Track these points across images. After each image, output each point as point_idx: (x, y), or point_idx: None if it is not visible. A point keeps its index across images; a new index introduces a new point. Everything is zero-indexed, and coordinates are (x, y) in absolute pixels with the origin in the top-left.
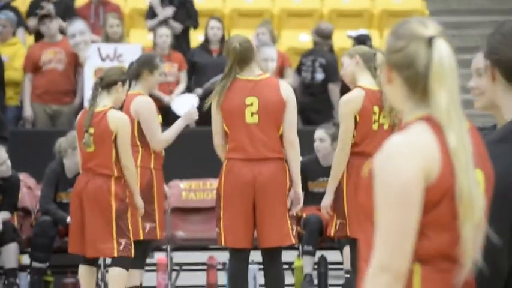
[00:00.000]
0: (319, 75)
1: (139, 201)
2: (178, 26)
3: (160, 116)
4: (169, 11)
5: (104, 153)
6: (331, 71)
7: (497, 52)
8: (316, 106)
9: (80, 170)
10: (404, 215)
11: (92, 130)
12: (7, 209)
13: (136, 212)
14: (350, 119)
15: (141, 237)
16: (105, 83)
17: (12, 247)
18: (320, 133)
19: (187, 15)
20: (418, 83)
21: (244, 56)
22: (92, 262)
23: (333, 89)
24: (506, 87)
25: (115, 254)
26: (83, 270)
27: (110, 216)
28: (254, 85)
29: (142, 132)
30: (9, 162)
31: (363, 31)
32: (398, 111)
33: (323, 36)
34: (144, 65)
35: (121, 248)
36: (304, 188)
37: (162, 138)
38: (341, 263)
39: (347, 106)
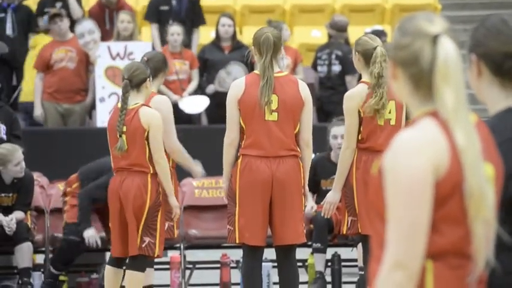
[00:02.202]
0: (336, 68)
1: (174, 201)
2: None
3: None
4: None
5: (137, 151)
6: (348, 62)
7: (483, 45)
8: (335, 99)
9: (113, 171)
10: (415, 210)
11: (124, 129)
12: (21, 209)
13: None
14: (354, 114)
15: None
16: (135, 83)
17: (26, 247)
18: (334, 130)
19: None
20: (422, 80)
21: (276, 48)
22: (120, 264)
23: (351, 81)
24: (491, 81)
25: (136, 252)
26: (109, 271)
27: (142, 212)
28: (274, 82)
29: None
30: (23, 164)
31: (378, 27)
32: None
33: (338, 29)
34: (162, 66)
35: (143, 245)
36: (317, 186)
37: (176, 143)
38: (355, 260)
39: (350, 101)
